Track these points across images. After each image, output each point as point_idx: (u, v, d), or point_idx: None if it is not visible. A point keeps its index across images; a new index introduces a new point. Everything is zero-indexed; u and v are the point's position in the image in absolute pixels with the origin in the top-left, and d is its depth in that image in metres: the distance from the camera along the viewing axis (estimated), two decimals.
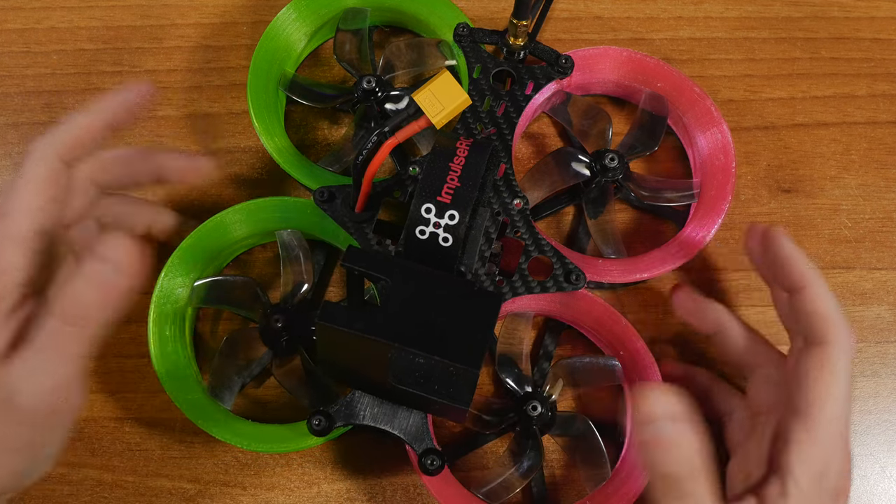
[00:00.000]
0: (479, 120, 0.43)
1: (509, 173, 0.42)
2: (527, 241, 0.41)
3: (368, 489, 0.43)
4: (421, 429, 0.37)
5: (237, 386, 0.43)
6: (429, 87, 0.37)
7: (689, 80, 0.47)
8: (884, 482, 0.44)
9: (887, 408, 0.45)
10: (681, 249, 0.44)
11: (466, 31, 0.45)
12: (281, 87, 0.48)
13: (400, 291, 0.34)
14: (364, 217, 0.40)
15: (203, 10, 0.52)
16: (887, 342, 0.46)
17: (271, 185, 0.48)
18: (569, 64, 0.45)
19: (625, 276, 0.43)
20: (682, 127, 0.48)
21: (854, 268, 0.47)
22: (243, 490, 0.43)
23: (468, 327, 0.34)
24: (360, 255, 0.35)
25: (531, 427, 0.41)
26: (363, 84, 0.46)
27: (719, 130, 0.46)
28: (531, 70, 0.45)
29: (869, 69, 0.51)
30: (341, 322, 0.33)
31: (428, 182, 0.36)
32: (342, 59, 0.48)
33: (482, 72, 0.44)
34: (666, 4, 0.52)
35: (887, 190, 0.49)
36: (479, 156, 0.37)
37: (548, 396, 0.42)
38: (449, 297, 0.35)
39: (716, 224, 0.44)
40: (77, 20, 0.51)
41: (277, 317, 0.42)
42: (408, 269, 0.35)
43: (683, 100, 0.47)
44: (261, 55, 0.47)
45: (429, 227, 0.36)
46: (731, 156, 0.45)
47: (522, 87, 0.44)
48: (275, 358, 0.43)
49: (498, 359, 0.43)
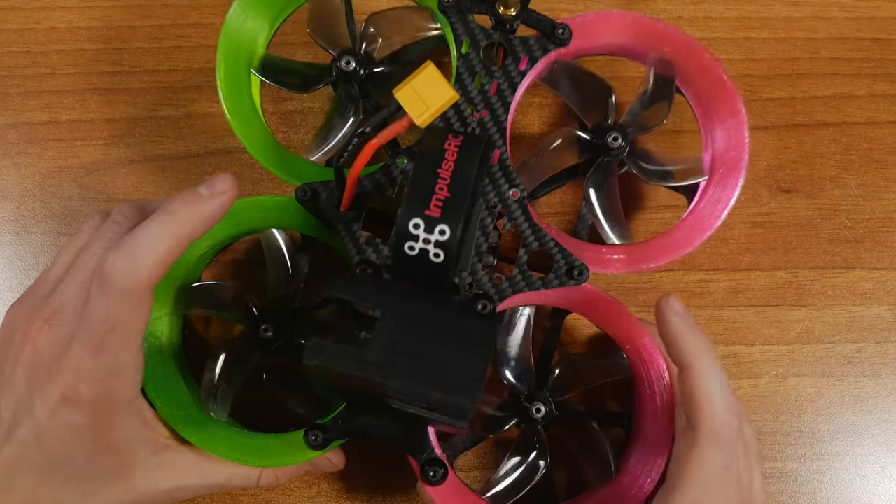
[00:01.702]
0: (470, 101, 0.39)
1: (505, 159, 0.38)
2: (526, 234, 0.38)
3: (368, 489, 0.43)
4: (422, 440, 0.36)
5: (230, 395, 0.41)
6: (411, 82, 0.33)
7: (700, 46, 0.43)
8: (884, 482, 0.44)
9: (887, 408, 0.45)
10: (692, 231, 0.41)
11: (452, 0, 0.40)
12: (253, 70, 0.44)
13: (390, 323, 0.33)
14: (350, 217, 0.38)
15: (203, 10, 0.52)
16: (887, 342, 0.46)
17: (268, 183, 0.48)
18: (566, 34, 0.40)
19: (631, 267, 0.40)
20: (693, 95, 0.44)
21: (854, 268, 0.47)
22: (243, 490, 0.43)
23: (464, 358, 0.32)
24: (344, 284, 0.33)
25: (536, 426, 0.41)
26: (341, 65, 0.42)
27: (730, 99, 0.42)
28: (525, 42, 0.40)
29: (869, 69, 0.51)
30: (330, 361, 0.32)
31: (414, 194, 0.33)
32: (316, 32, 0.44)
33: (472, 46, 0.40)
34: (666, 4, 0.52)
35: (887, 190, 0.49)
36: (470, 158, 0.34)
37: (551, 395, 0.42)
38: (442, 326, 0.33)
39: (727, 207, 0.41)
40: (77, 20, 0.51)
41: (266, 326, 0.40)
42: (396, 295, 0.33)
43: (693, 66, 0.43)
44: (227, 45, 0.43)
45: (418, 243, 0.33)
46: (744, 133, 0.42)
47: (516, 61, 0.40)
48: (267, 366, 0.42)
49: (499, 357, 0.42)
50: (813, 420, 0.45)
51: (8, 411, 0.34)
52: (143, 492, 0.36)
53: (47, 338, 0.33)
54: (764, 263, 0.47)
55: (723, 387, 0.34)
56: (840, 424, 0.45)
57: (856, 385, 0.45)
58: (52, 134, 0.49)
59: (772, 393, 0.45)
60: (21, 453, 0.33)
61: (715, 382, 0.34)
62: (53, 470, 0.34)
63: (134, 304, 0.33)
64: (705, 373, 0.34)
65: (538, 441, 0.41)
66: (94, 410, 0.33)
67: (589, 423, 0.42)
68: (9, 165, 0.48)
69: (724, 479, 0.34)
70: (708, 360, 0.34)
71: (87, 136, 0.49)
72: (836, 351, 0.46)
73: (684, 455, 0.34)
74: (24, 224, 0.47)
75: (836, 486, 0.44)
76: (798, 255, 0.47)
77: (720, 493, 0.34)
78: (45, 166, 0.48)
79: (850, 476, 0.44)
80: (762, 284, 0.47)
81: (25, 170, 0.48)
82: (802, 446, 0.44)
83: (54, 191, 0.48)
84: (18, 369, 0.34)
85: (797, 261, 0.47)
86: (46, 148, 0.49)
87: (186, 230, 0.33)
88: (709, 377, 0.34)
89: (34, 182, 0.48)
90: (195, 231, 0.33)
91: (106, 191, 0.48)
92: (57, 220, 0.47)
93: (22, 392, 0.34)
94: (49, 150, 0.48)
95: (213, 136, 0.49)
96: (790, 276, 0.47)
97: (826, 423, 0.45)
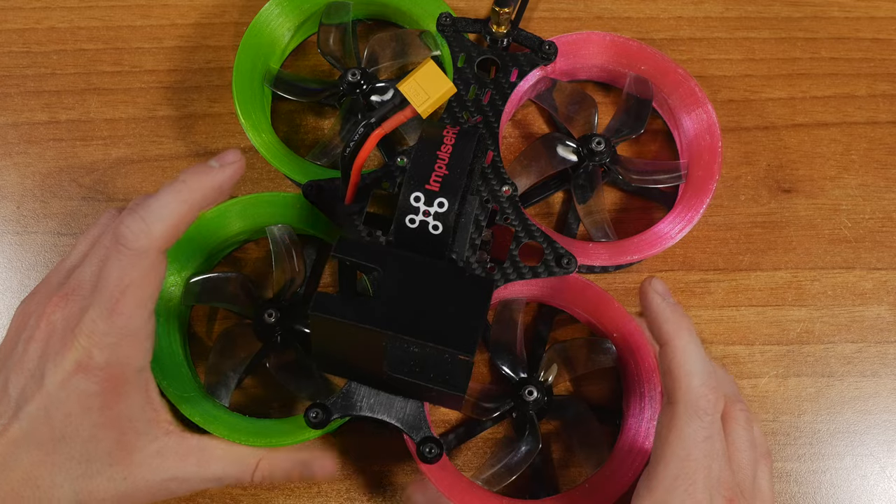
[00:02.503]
0: (465, 108, 0.43)
1: (497, 160, 0.42)
2: (517, 228, 0.41)
3: (368, 488, 0.43)
4: (418, 418, 0.37)
5: (233, 382, 0.43)
6: (413, 76, 0.37)
7: (672, 62, 0.47)
8: (884, 482, 0.44)
9: (887, 408, 0.45)
10: (670, 231, 0.44)
11: (449, 20, 0.45)
12: (266, 83, 0.47)
13: (392, 280, 0.34)
14: (353, 209, 0.40)
15: (203, 10, 0.52)
16: (887, 342, 0.46)
17: (267, 182, 0.48)
18: (552, 50, 0.45)
19: (615, 259, 0.43)
20: (668, 109, 0.48)
21: (854, 268, 0.47)
22: (243, 490, 0.43)
23: (462, 313, 0.34)
24: (351, 246, 0.35)
25: (528, 412, 0.42)
26: (348, 77, 0.46)
27: (704, 111, 0.46)
28: (515, 57, 0.45)
29: (869, 69, 0.51)
30: (334, 312, 0.34)
31: (416, 171, 0.36)
32: (326, 52, 0.48)
33: (466, 60, 0.44)
34: (666, 4, 0.52)
35: (887, 190, 0.49)
36: (467, 143, 0.37)
37: (543, 381, 0.42)
38: (441, 284, 0.35)
39: (704, 204, 0.44)
40: (77, 20, 0.51)
41: (270, 311, 0.42)
42: (399, 257, 0.35)
43: (668, 81, 0.47)
44: (245, 52, 0.46)
45: (418, 215, 0.36)
46: (717, 135, 0.45)
47: (507, 74, 0.44)
48: (270, 353, 0.43)
49: (492, 346, 0.43)
50: (813, 420, 0.45)
51: (16, 389, 0.34)
52: (140, 480, 0.36)
53: (63, 313, 0.35)
54: (764, 263, 0.47)
55: (701, 363, 0.35)
56: (840, 424, 0.45)
57: (856, 385, 0.45)
58: (52, 134, 0.49)
59: (772, 393, 0.45)
60: (27, 430, 0.34)
61: (692, 358, 0.35)
62: (56, 447, 0.34)
63: (147, 266, 0.34)
64: (683, 349, 0.35)
65: (530, 427, 0.41)
66: (105, 377, 0.34)
67: (580, 408, 0.43)
68: (9, 165, 0.48)
69: (707, 450, 0.34)
70: (687, 336, 0.35)
71: (87, 136, 0.49)
72: (836, 351, 0.46)
73: (665, 429, 0.35)
74: (24, 224, 0.47)
75: (836, 486, 0.44)
76: (798, 255, 0.47)
77: (702, 464, 0.34)
78: (45, 166, 0.48)
79: (850, 476, 0.44)
80: (762, 284, 0.47)
81: (25, 170, 0.48)
82: (802, 446, 0.44)
83: (54, 191, 0.48)
84: (31, 346, 0.35)
85: (797, 261, 0.47)
86: (46, 148, 0.49)
87: (197, 197, 0.35)
88: (687, 353, 0.35)
89: (34, 182, 0.48)
90: (205, 199, 0.36)
91: (106, 191, 0.48)
92: (57, 220, 0.47)
93: (33, 368, 0.34)
94: (49, 150, 0.49)
95: (213, 136, 0.49)
96: (790, 276, 0.47)
97: (826, 423, 0.45)
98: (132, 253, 0.34)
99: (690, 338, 0.35)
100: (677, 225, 0.44)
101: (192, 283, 0.44)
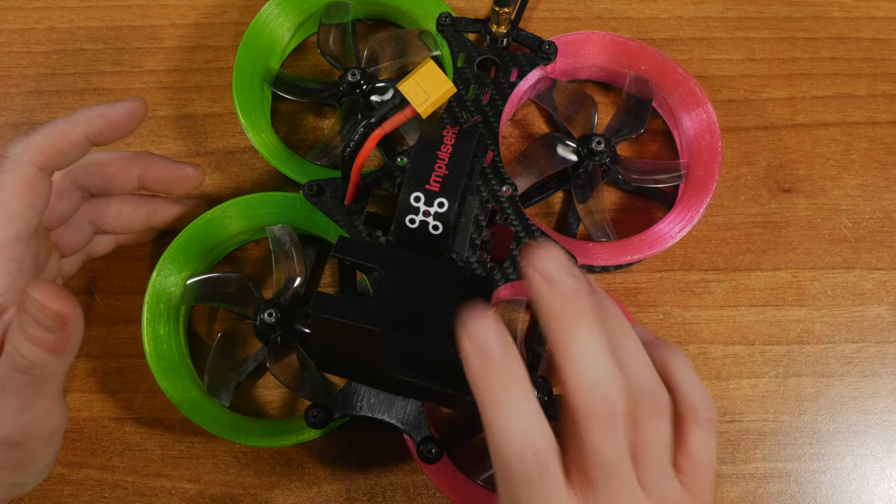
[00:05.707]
0: (465, 108, 0.43)
1: (497, 160, 0.42)
2: (517, 228, 0.41)
3: (368, 489, 0.43)
4: (418, 417, 0.38)
5: (233, 382, 0.43)
6: (413, 76, 0.37)
7: (672, 62, 0.47)
8: (884, 482, 0.44)
9: (887, 408, 0.45)
10: (670, 231, 0.44)
11: (449, 20, 0.45)
12: (266, 83, 0.48)
13: (392, 280, 0.34)
14: (354, 209, 0.40)
15: (203, 10, 0.52)
16: (887, 342, 0.46)
17: (267, 182, 0.48)
18: (552, 49, 0.45)
19: (615, 259, 0.43)
20: (668, 109, 0.48)
21: (854, 268, 0.47)
22: (243, 490, 0.43)
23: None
24: (351, 246, 0.35)
25: None
26: (348, 77, 0.46)
27: (704, 110, 0.46)
28: (515, 57, 0.45)
29: (869, 69, 0.51)
30: (334, 312, 0.34)
31: (416, 170, 0.36)
32: (326, 52, 0.48)
33: (466, 60, 0.44)
34: (666, 4, 0.52)
35: (887, 190, 0.49)
36: (467, 143, 0.37)
37: (544, 380, 0.42)
38: (442, 284, 0.35)
39: (704, 203, 0.44)
40: (77, 20, 0.51)
41: (270, 311, 0.42)
42: (399, 257, 0.35)
43: (667, 81, 0.47)
44: (245, 52, 0.46)
45: (418, 215, 0.36)
46: (717, 135, 0.45)
47: (507, 74, 0.44)
48: (270, 353, 0.43)
49: None
50: (813, 420, 0.45)
51: None
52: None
53: None
54: (764, 263, 0.47)
55: (592, 358, 0.27)
56: (840, 424, 0.45)
57: (856, 385, 0.45)
58: None
59: (772, 393, 0.45)
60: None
61: (577, 364, 0.27)
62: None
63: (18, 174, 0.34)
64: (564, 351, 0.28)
65: None
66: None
67: None
68: None
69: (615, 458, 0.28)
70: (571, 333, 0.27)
71: None
72: (836, 351, 0.46)
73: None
74: None
75: (836, 486, 0.44)
76: (798, 255, 0.47)
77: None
78: None
79: (850, 476, 0.44)
80: (762, 284, 0.47)
81: None
82: (802, 446, 0.44)
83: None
84: None
85: (797, 261, 0.47)
86: None
87: (82, 121, 0.36)
88: (568, 357, 0.27)
89: None
90: (91, 124, 0.36)
91: None
92: None
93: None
94: None
95: (213, 136, 0.49)
96: (790, 276, 0.47)
97: (826, 423, 0.45)
98: (6, 160, 0.34)
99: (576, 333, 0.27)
100: (677, 225, 0.44)
101: (192, 284, 0.44)
